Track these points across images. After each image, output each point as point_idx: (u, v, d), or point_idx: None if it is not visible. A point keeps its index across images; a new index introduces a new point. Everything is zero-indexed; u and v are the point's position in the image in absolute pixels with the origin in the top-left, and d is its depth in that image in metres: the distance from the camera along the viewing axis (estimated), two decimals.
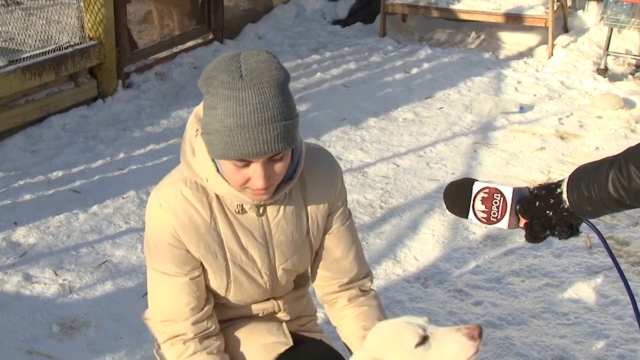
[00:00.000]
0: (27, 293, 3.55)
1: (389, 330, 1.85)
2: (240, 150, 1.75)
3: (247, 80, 1.73)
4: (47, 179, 4.75)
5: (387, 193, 4.74)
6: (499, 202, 1.86)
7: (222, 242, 2.02)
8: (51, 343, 3.23)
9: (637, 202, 1.69)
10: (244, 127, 1.73)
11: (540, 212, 1.82)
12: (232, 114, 1.73)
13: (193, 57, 7.21)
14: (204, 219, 1.99)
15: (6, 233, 4.06)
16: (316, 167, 2.11)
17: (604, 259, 3.99)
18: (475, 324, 1.84)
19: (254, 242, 2.05)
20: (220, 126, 1.75)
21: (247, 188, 1.87)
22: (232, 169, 1.83)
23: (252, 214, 2.02)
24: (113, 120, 5.82)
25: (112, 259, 3.88)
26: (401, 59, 7.65)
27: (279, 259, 2.10)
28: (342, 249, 2.20)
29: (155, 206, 2.01)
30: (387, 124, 5.91)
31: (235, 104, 1.73)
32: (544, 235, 1.85)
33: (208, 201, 2.00)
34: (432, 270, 3.91)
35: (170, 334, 2.07)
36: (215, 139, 1.78)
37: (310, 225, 2.13)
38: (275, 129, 1.74)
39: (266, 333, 2.16)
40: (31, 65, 5.41)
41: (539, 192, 1.83)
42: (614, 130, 5.77)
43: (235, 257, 2.05)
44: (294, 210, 2.08)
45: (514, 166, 5.16)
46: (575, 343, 3.35)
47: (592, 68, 7.10)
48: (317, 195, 2.12)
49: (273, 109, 1.74)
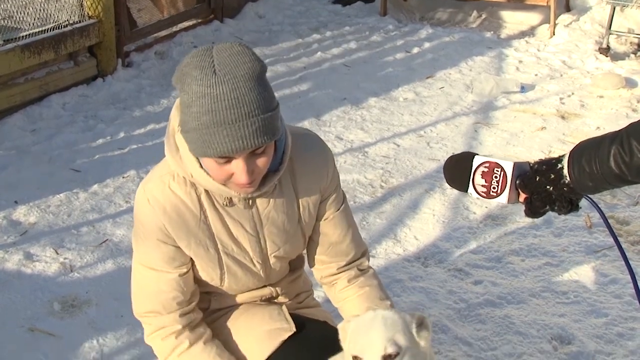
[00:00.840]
0: (28, 271, 3.57)
1: (386, 318, 1.86)
2: (219, 147, 1.71)
3: (221, 76, 1.69)
4: (48, 158, 4.75)
5: (388, 173, 4.74)
6: (499, 176, 1.85)
7: (213, 234, 2.00)
8: (52, 321, 3.24)
9: (638, 177, 1.69)
10: (221, 124, 1.69)
11: (540, 187, 1.82)
12: (208, 111, 1.69)
13: (193, 36, 7.19)
14: (193, 213, 1.97)
15: (7, 212, 4.07)
16: (305, 153, 2.07)
17: (604, 239, 4.00)
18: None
19: (245, 233, 2.03)
20: (196, 124, 1.71)
21: (232, 182, 1.85)
22: (214, 166, 1.80)
23: (241, 206, 2.00)
24: (113, 99, 5.81)
25: (113, 238, 3.89)
26: (402, 39, 7.62)
27: (271, 248, 2.09)
28: (339, 233, 2.19)
29: (143, 202, 1.97)
30: (387, 104, 5.90)
31: (210, 101, 1.68)
32: (544, 210, 1.84)
33: (197, 195, 1.96)
34: (432, 250, 3.92)
35: (157, 325, 2.06)
36: (193, 137, 1.74)
37: (302, 213, 2.11)
38: (253, 123, 1.70)
39: (268, 319, 2.15)
40: (30, 43, 5.39)
41: (539, 167, 1.83)
42: (616, 110, 5.76)
43: (226, 248, 2.03)
44: (284, 201, 2.05)
45: (515, 146, 5.15)
46: (574, 322, 3.36)
47: (594, 47, 7.07)
48: (308, 182, 2.08)
49: (250, 104, 1.69)
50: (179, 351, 2.04)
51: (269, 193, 2.01)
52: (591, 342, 3.22)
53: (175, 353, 2.04)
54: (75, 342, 3.11)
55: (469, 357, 3.12)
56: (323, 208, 2.15)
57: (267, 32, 7.73)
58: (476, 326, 3.32)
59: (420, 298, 3.49)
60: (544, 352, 3.16)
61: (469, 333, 3.27)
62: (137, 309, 2.10)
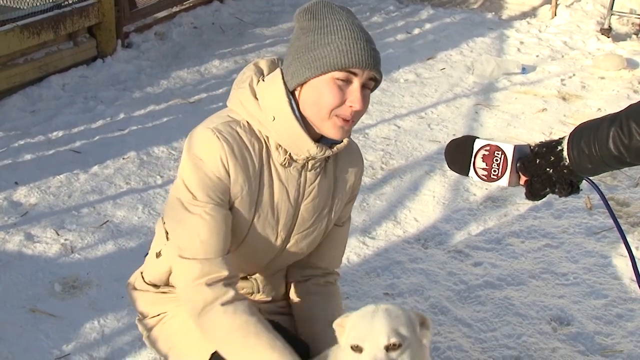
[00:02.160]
0: (29, 252, 3.57)
1: (391, 311, 1.85)
2: (357, 57, 1.87)
3: (349, 13, 1.96)
4: (47, 139, 4.74)
5: (388, 154, 4.73)
6: (500, 159, 1.85)
7: (260, 191, 2.02)
8: (53, 302, 3.25)
9: (637, 159, 1.69)
10: (359, 39, 1.89)
11: (540, 170, 1.82)
12: (346, 28, 1.90)
13: (193, 17, 7.15)
14: (253, 163, 1.99)
15: (7, 193, 4.07)
16: (348, 156, 2.19)
17: (604, 220, 4.00)
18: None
19: (286, 201, 2.06)
20: (334, 38, 1.88)
21: (335, 117, 1.92)
22: (331, 88, 1.89)
23: (294, 172, 2.03)
24: (113, 80, 5.79)
25: (113, 219, 3.89)
26: (403, 20, 7.59)
27: (298, 226, 2.11)
28: (336, 242, 2.30)
29: (207, 135, 1.96)
30: (388, 85, 5.88)
31: (347, 24, 1.91)
32: (544, 192, 1.85)
33: (259, 147, 2.00)
34: (432, 232, 3.92)
35: (203, 271, 1.96)
36: (327, 51, 1.88)
37: (335, 204, 2.18)
38: (377, 53, 1.94)
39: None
40: (29, 24, 5.36)
41: (539, 150, 1.83)
42: (617, 91, 5.75)
43: (263, 211, 2.04)
44: (326, 185, 2.12)
45: (516, 128, 5.15)
46: (573, 303, 3.37)
47: (595, 28, 7.05)
48: (346, 178, 2.19)
49: (373, 41, 1.95)
50: (223, 300, 1.96)
51: (319, 170, 2.08)
52: (590, 323, 3.24)
53: (219, 301, 1.96)
54: (76, 323, 3.12)
55: (469, 338, 3.13)
56: (343, 210, 2.25)
57: (267, 12, 7.70)
58: (476, 307, 3.33)
59: (420, 280, 3.50)
60: (543, 333, 3.17)
61: (468, 314, 3.28)
62: (183, 252, 2.00)
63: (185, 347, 2.17)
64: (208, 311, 1.96)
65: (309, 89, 1.91)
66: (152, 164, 4.48)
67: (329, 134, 1.95)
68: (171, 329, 2.21)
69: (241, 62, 6.23)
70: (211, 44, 6.70)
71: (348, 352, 1.81)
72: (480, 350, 3.06)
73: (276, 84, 1.95)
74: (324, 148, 1.98)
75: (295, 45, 1.94)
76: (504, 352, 3.05)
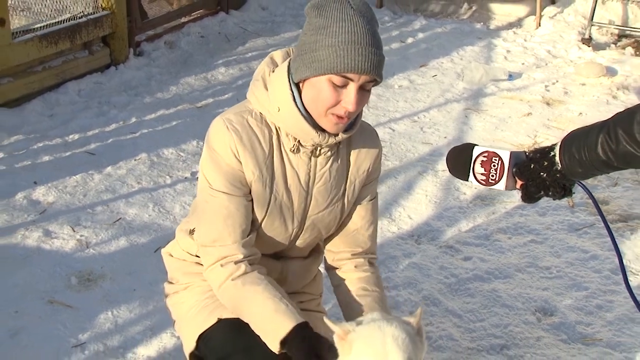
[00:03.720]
0: (47, 248, 3.57)
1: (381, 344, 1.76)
2: (353, 63, 1.83)
3: (357, 10, 1.86)
4: (64, 142, 4.74)
5: (384, 156, 4.70)
6: (497, 165, 1.86)
7: (273, 176, 2.02)
8: (70, 294, 3.25)
9: (624, 164, 1.70)
10: (358, 43, 1.83)
11: (535, 174, 1.82)
12: (347, 31, 1.83)
13: (200, 27, 7.15)
14: (262, 149, 2.00)
15: (27, 192, 4.07)
16: (363, 138, 2.14)
17: (585, 217, 4.01)
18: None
19: (298, 185, 2.05)
20: (333, 41, 1.83)
21: (330, 114, 1.91)
22: (327, 89, 1.88)
23: (304, 157, 2.03)
24: (125, 86, 5.79)
25: (126, 216, 3.89)
26: (397, 29, 7.59)
27: (313, 208, 2.10)
28: (365, 221, 2.21)
29: (220, 127, 2.00)
30: (383, 91, 5.88)
31: (350, 25, 1.84)
32: (539, 195, 1.85)
33: (269, 134, 2.01)
34: (425, 228, 3.92)
35: (218, 255, 2.00)
36: (325, 54, 1.84)
37: (348, 187, 2.14)
38: (378, 55, 1.86)
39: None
40: (47, 34, 5.36)
41: (534, 156, 1.84)
42: (597, 97, 5.75)
43: (278, 193, 2.04)
44: (338, 167, 2.10)
45: (503, 131, 5.15)
46: (556, 295, 3.38)
47: (577, 38, 7.04)
48: (360, 162, 2.14)
49: (377, 40, 1.87)
50: (234, 276, 1.98)
51: (329, 155, 2.06)
52: (572, 314, 3.24)
53: (230, 278, 1.98)
54: (91, 314, 3.12)
55: (459, 328, 3.13)
56: (363, 192, 2.18)
57: (270, 22, 7.69)
58: (465, 299, 3.33)
59: (413, 273, 3.50)
60: (528, 323, 3.18)
61: (458, 306, 3.28)
62: (203, 239, 2.04)
63: (186, 321, 2.19)
64: (223, 287, 2.01)
65: (309, 86, 1.92)
66: (162, 165, 4.48)
67: (325, 128, 1.96)
68: (185, 300, 2.22)
69: (245, 70, 6.23)
70: (217, 52, 6.69)
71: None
72: (470, 340, 3.07)
73: (282, 77, 1.96)
74: (327, 136, 1.97)
75: (302, 41, 1.94)
76: (491, 341, 3.05)
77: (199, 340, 2.11)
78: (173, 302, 2.27)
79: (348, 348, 1.77)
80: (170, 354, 2.87)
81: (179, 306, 2.23)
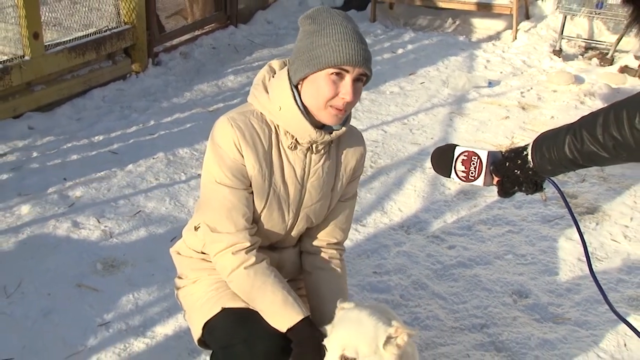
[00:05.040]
0: (75, 237, 3.57)
1: (362, 324, 1.80)
2: (348, 56, 1.87)
3: (344, 18, 1.94)
4: (90, 142, 4.74)
5: (376, 155, 4.73)
6: (476, 163, 1.86)
7: (272, 170, 2.03)
8: (96, 278, 3.25)
9: (588, 162, 1.70)
10: (351, 40, 1.88)
11: (509, 171, 1.83)
12: (338, 32, 1.89)
13: (212, 39, 7.13)
14: (263, 145, 2.01)
15: (57, 187, 4.07)
16: (351, 139, 2.18)
17: (557, 210, 4.01)
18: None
19: (294, 179, 2.07)
20: (328, 40, 1.88)
21: (330, 107, 1.93)
22: (326, 82, 1.90)
23: (300, 154, 2.05)
24: (144, 92, 5.78)
25: (145, 209, 3.89)
26: (388, 41, 7.58)
27: (307, 201, 2.11)
28: (344, 216, 2.25)
29: (224, 125, 2.02)
30: (376, 96, 5.87)
31: (340, 27, 1.90)
32: (513, 190, 1.86)
33: (269, 132, 2.03)
34: (414, 220, 3.92)
35: (228, 242, 2.01)
36: (322, 51, 1.88)
37: (337, 183, 2.16)
38: (367, 51, 1.92)
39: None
40: (76, 46, 5.35)
41: (509, 155, 1.84)
42: (567, 102, 5.75)
43: (276, 186, 2.05)
44: (329, 164, 2.12)
45: (483, 132, 5.14)
46: (531, 279, 3.38)
47: (549, 49, 7.04)
48: (348, 160, 2.17)
49: (365, 42, 1.93)
50: (246, 265, 2.00)
51: (322, 153, 2.08)
52: (544, 296, 3.25)
53: (242, 266, 2.00)
54: (114, 296, 3.12)
55: (444, 310, 3.13)
56: (347, 187, 2.22)
57: (274, 35, 7.68)
58: (450, 284, 3.34)
59: (403, 260, 3.50)
60: (505, 305, 3.18)
61: (444, 289, 3.28)
62: (211, 228, 2.05)
63: (194, 311, 2.19)
64: (235, 274, 2.02)
65: (309, 83, 1.94)
66: (178, 163, 4.48)
67: (325, 121, 1.98)
68: (194, 293, 2.22)
69: (252, 77, 6.12)
70: (227, 61, 6.68)
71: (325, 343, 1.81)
72: (454, 320, 3.07)
73: (282, 79, 1.99)
74: (323, 133, 2.00)
75: (298, 46, 1.97)
76: (473, 321, 3.06)
77: (204, 329, 2.12)
78: (183, 294, 2.27)
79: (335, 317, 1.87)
80: (185, 332, 2.87)
81: (188, 298, 2.24)
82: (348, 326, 1.79)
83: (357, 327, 1.78)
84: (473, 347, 2.89)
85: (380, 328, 1.80)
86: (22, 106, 4.96)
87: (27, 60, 4.92)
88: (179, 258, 2.32)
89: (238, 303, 2.08)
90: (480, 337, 2.96)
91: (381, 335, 1.79)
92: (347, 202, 2.24)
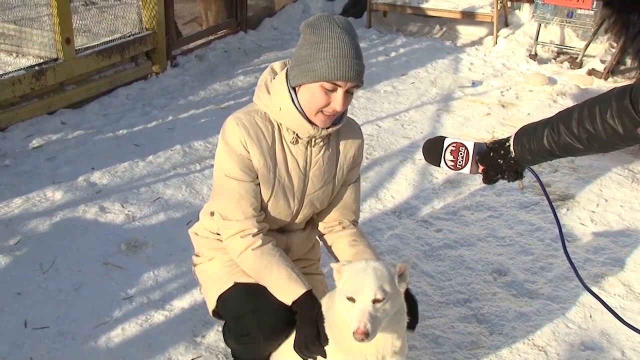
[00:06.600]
0: (102, 220, 3.56)
1: (377, 270, 1.79)
2: (342, 73, 1.85)
3: (343, 28, 1.88)
4: (115, 136, 4.71)
5: (372, 147, 4.71)
6: (464, 153, 1.86)
7: (276, 163, 2.02)
8: (120, 257, 3.24)
9: (564, 153, 1.69)
10: (345, 57, 1.85)
11: (493, 161, 1.82)
12: (336, 47, 1.85)
13: (224, 43, 7.08)
14: (266, 141, 2.01)
15: (86, 176, 4.05)
16: (349, 131, 2.17)
17: (532, 197, 3.99)
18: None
19: (297, 170, 2.05)
20: (326, 55, 1.85)
21: (320, 113, 1.92)
22: (319, 93, 1.88)
23: (302, 147, 2.03)
24: (163, 91, 5.75)
25: (164, 196, 3.87)
26: (382, 45, 7.54)
27: (310, 189, 2.10)
28: (351, 199, 2.23)
29: (232, 124, 2.01)
30: (371, 95, 5.84)
31: (338, 41, 1.85)
32: (497, 178, 1.85)
33: (272, 129, 2.02)
34: (405, 206, 3.91)
35: (237, 228, 2.02)
36: (319, 65, 1.86)
37: (338, 171, 2.14)
38: (360, 66, 1.89)
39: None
40: (103, 50, 5.32)
41: (493, 146, 1.84)
42: (541, 101, 5.71)
43: (281, 177, 2.04)
44: (330, 155, 2.10)
45: (467, 127, 5.12)
46: (509, 259, 3.37)
47: (525, 54, 6.99)
48: (347, 150, 2.16)
49: (359, 52, 1.90)
50: (253, 247, 2.01)
51: (322, 145, 2.06)
52: (521, 274, 3.23)
53: (250, 248, 2.01)
54: (137, 273, 3.11)
55: (432, 286, 3.12)
56: (349, 174, 2.20)
57: (280, 40, 7.64)
58: (437, 263, 3.32)
59: (395, 242, 3.48)
60: (486, 282, 3.17)
61: (431, 268, 3.27)
62: (222, 216, 2.06)
63: (209, 285, 2.19)
64: (244, 255, 2.02)
65: (304, 90, 1.92)
66: (193, 154, 4.46)
67: (316, 124, 1.97)
68: (209, 269, 2.22)
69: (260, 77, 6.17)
70: (237, 63, 6.64)
71: (343, 299, 1.79)
72: (440, 295, 3.06)
73: (281, 83, 1.97)
74: (319, 129, 1.99)
75: (298, 53, 1.94)
76: (457, 296, 3.05)
77: (218, 302, 2.12)
78: (199, 270, 2.27)
79: (340, 277, 1.84)
80: (200, 305, 2.86)
81: (204, 273, 2.24)
82: (367, 274, 1.77)
83: (375, 273, 1.78)
84: (457, 320, 2.88)
85: (391, 268, 1.83)
86: (55, 103, 4.95)
87: (60, 62, 4.92)
88: (197, 238, 2.31)
89: (249, 279, 2.07)
90: (463, 310, 2.95)
91: (394, 274, 1.82)
92: (352, 185, 2.22)
